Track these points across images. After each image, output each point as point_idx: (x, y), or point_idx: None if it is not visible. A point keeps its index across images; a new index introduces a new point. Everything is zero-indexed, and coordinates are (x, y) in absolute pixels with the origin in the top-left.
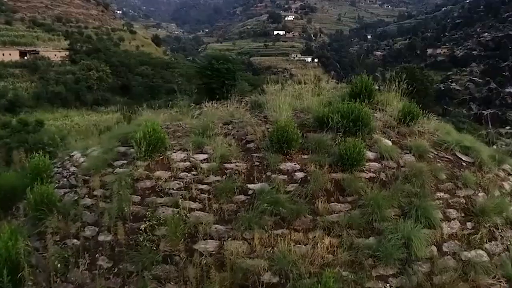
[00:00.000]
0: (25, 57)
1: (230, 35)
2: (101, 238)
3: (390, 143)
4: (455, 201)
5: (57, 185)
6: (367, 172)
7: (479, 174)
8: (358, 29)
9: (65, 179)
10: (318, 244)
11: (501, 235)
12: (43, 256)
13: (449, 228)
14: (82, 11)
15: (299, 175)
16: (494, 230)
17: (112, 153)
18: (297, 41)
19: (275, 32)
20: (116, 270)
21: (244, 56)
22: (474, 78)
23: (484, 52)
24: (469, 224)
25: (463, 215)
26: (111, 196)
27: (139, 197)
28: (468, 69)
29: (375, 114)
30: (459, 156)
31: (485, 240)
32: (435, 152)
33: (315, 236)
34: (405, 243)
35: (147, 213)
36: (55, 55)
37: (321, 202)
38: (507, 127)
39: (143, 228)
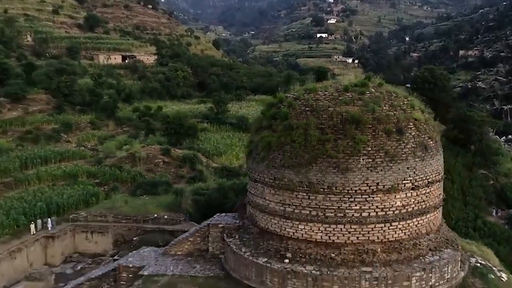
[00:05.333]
0: (126, 61)
1: (275, 38)
2: (306, 109)
3: (373, 90)
4: (388, 103)
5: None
6: (367, 95)
7: (387, 97)
8: (397, 31)
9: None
10: (345, 106)
11: (399, 113)
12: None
13: (384, 108)
14: (155, 20)
15: (348, 94)
16: (396, 109)
17: (300, 93)
18: (338, 43)
19: (318, 35)
20: (307, 111)
21: (290, 57)
22: (499, 78)
23: (511, 53)
24: (391, 108)
25: (390, 106)
26: (300, 98)
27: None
28: (495, 69)
29: (370, 83)
30: (391, 92)
31: (391, 110)
32: (382, 91)
33: (344, 104)
34: (373, 108)
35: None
36: (147, 58)
37: (350, 98)
38: None
39: (314, 105)
